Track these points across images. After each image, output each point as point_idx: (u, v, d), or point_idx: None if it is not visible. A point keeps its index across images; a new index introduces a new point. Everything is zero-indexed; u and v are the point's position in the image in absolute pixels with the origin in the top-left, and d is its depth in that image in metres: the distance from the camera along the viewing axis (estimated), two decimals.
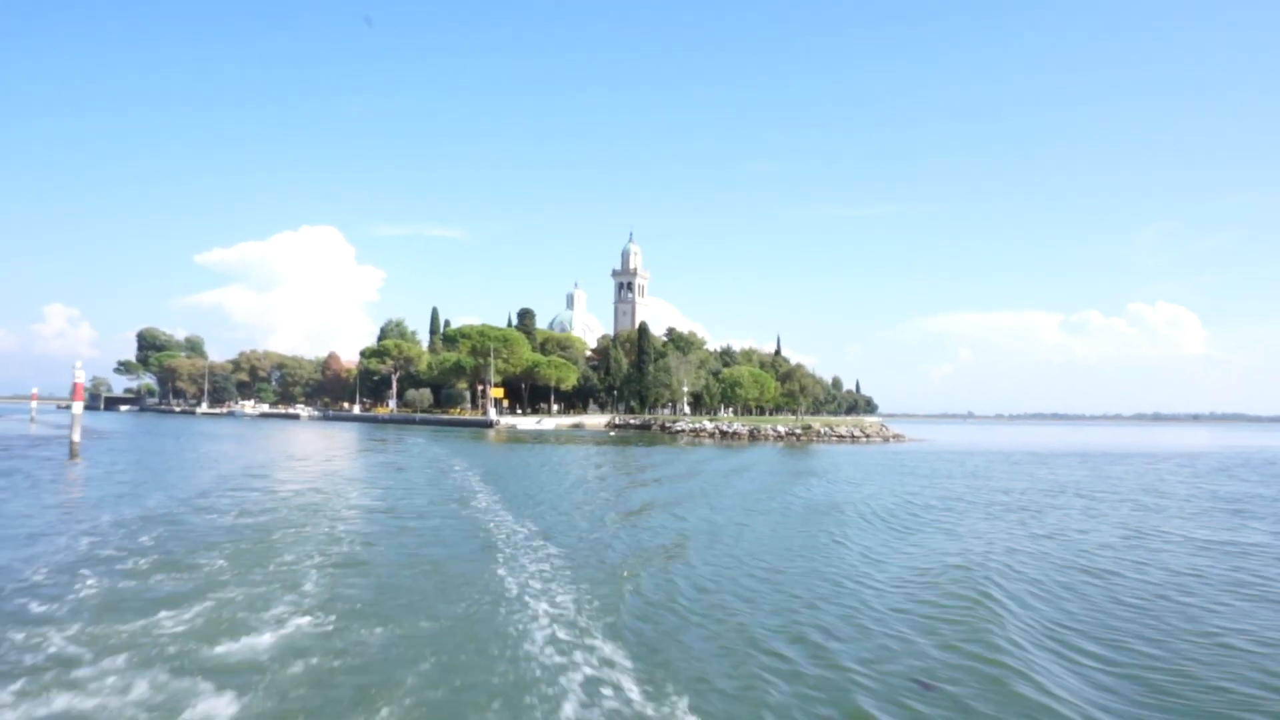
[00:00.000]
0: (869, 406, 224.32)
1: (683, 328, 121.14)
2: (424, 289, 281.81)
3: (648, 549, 11.69)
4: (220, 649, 6.33)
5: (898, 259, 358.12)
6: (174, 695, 5.34)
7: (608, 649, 6.56)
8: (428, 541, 11.72)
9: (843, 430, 59.61)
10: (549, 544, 11.55)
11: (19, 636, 6.51)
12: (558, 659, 6.24)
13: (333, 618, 7.35)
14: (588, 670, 6.00)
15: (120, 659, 5.99)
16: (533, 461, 30.52)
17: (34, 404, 62.25)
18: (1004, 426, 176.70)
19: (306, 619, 7.27)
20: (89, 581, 8.48)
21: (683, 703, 5.48)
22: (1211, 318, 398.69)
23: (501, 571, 9.58)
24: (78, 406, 24.83)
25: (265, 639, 6.64)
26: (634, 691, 5.62)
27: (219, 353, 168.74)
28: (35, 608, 7.38)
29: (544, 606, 7.85)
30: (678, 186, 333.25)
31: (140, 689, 5.42)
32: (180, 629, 6.82)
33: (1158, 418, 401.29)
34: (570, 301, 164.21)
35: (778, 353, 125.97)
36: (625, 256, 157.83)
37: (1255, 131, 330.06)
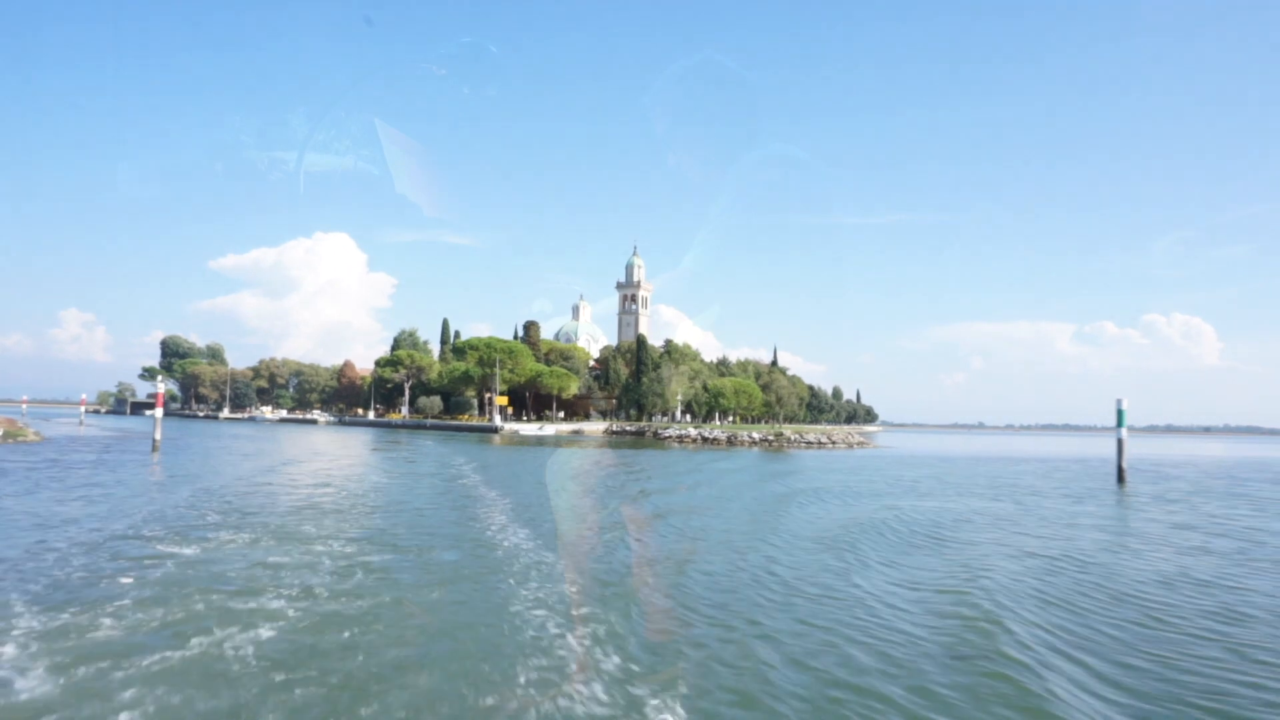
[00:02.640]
0: (869, 416, 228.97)
1: (694, 336, 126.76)
2: (435, 295, 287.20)
3: (601, 532, 17.27)
4: (270, 583, 8.74)
5: (910, 268, 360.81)
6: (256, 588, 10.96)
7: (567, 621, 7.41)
8: (431, 515, 17.40)
9: (811, 437, 65.08)
10: (523, 517, 17.20)
11: (164, 542, 12.22)
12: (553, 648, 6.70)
13: (351, 577, 9.14)
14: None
15: (227, 561, 11.65)
16: (526, 459, 36.20)
17: (83, 409, 69.07)
18: (998, 437, 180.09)
19: (338, 572, 9.43)
20: (209, 517, 14.24)
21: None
22: (1228, 329, 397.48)
23: (485, 535, 15.25)
24: (159, 412, 30.97)
25: (313, 572, 10.44)
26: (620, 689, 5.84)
27: (233, 358, 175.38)
28: (172, 533, 13.10)
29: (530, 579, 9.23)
30: (687, 196, 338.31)
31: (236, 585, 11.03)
32: (257, 558, 12.48)
33: (1170, 429, 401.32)
34: (576, 312, 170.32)
35: (774, 363, 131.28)
36: (629, 269, 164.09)
37: (1275, 141, 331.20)
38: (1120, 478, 26.54)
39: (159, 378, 29.91)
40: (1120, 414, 26.21)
